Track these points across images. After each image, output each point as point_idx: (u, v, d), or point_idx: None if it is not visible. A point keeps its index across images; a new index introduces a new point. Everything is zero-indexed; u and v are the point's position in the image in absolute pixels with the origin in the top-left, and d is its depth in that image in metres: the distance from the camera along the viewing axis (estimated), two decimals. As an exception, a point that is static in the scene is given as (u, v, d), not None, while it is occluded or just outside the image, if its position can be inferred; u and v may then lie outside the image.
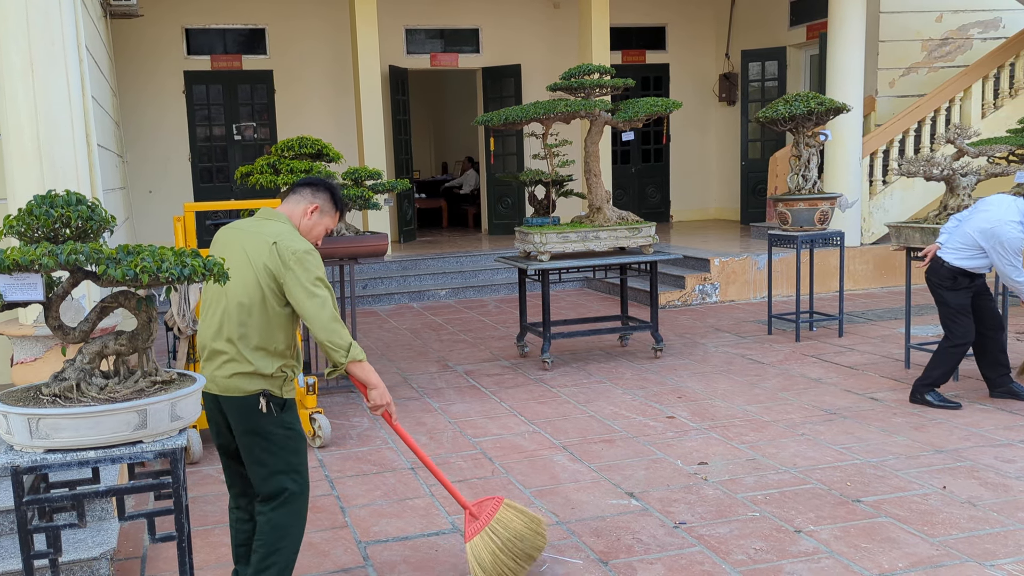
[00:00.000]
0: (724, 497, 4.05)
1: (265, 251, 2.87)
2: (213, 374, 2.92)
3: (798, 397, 5.63)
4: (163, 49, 11.62)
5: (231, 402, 2.89)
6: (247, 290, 2.88)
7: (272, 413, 2.89)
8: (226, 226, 3.11)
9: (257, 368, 2.87)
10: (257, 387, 2.88)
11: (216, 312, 2.93)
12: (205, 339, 2.96)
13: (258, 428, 2.90)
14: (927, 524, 3.68)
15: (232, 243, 2.97)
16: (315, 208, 3.08)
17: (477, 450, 4.86)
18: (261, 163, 6.14)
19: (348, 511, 4.07)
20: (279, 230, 2.94)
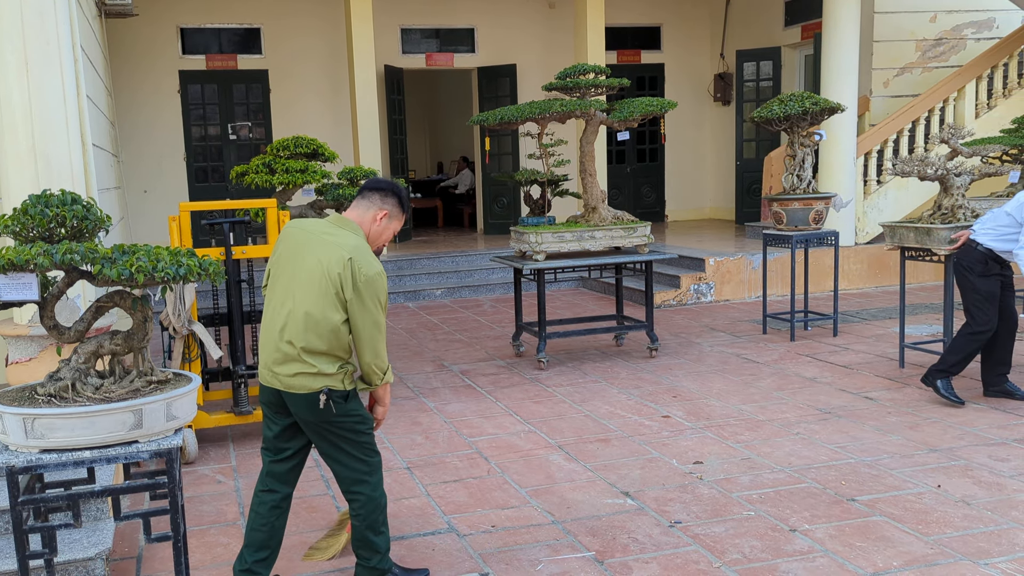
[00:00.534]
0: (719, 496, 4.06)
1: (340, 264, 2.95)
2: (274, 370, 3.03)
3: (793, 396, 5.64)
4: (158, 48, 11.60)
5: (296, 399, 3.01)
6: (315, 299, 2.96)
7: (331, 409, 3.01)
8: (295, 225, 3.15)
9: (320, 369, 2.98)
10: (320, 385, 2.99)
11: (281, 312, 3.02)
12: (268, 335, 3.06)
13: (324, 421, 3.03)
14: (921, 523, 3.69)
15: (305, 248, 3.04)
16: (384, 214, 3.15)
17: (473, 450, 4.87)
18: (257, 162, 6.14)
19: (343, 510, 4.06)
20: (355, 244, 3.01)
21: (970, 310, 5.22)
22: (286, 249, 3.09)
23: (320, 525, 3.92)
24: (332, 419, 3.03)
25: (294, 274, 3.03)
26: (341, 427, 3.06)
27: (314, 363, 2.97)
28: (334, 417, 3.03)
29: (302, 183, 5.95)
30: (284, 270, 3.08)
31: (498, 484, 4.33)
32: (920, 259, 5.91)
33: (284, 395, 3.04)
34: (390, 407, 5.66)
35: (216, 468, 4.73)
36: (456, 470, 4.56)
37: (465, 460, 4.70)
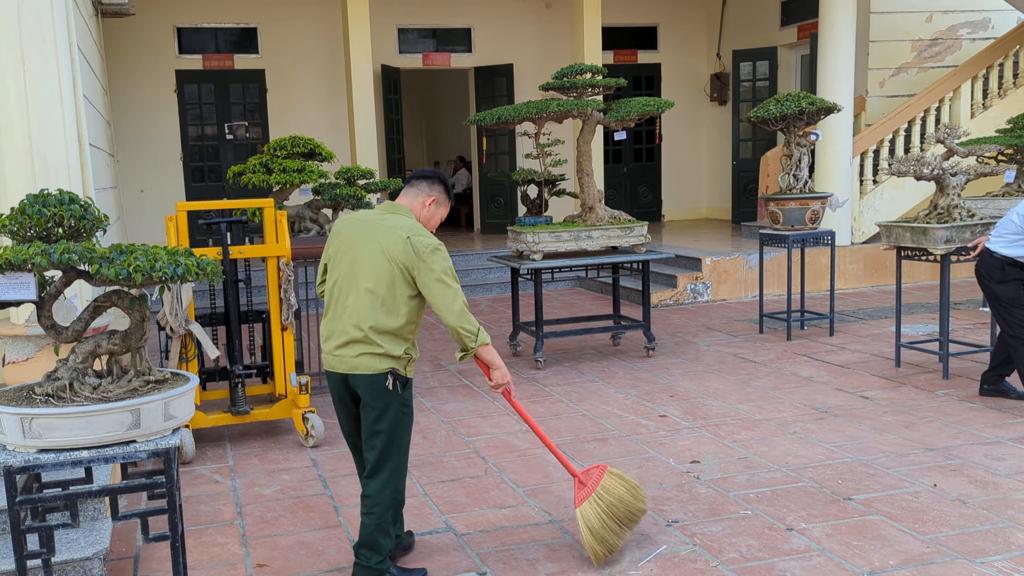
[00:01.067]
0: (716, 495, 4.07)
1: (400, 243, 3.12)
2: (339, 353, 3.16)
3: (789, 396, 5.65)
4: (155, 48, 11.59)
5: (360, 379, 3.14)
6: (380, 279, 3.13)
7: (397, 390, 3.14)
8: (349, 217, 3.32)
9: (387, 350, 3.12)
10: (386, 366, 3.13)
11: (346, 297, 3.17)
12: (333, 321, 3.19)
13: (381, 404, 3.15)
14: (918, 522, 3.70)
15: (363, 234, 3.20)
16: (432, 200, 3.33)
17: (470, 449, 4.87)
18: (254, 162, 6.13)
19: (341, 510, 4.07)
20: (409, 224, 3.19)
21: (1002, 318, 5.17)
22: (344, 240, 3.24)
23: (318, 525, 3.92)
24: (388, 403, 3.15)
25: (356, 260, 3.17)
26: (393, 413, 3.18)
27: (381, 343, 3.11)
28: (390, 400, 3.14)
29: (299, 183, 5.94)
30: (344, 259, 3.21)
31: (495, 483, 4.34)
32: (916, 259, 5.93)
33: (348, 378, 3.17)
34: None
35: (213, 468, 4.73)
36: (454, 469, 4.56)
37: (463, 459, 4.70)
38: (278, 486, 4.41)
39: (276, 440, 5.17)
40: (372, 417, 3.18)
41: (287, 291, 5.13)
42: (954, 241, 5.64)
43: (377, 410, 3.17)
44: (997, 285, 5.13)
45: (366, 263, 3.14)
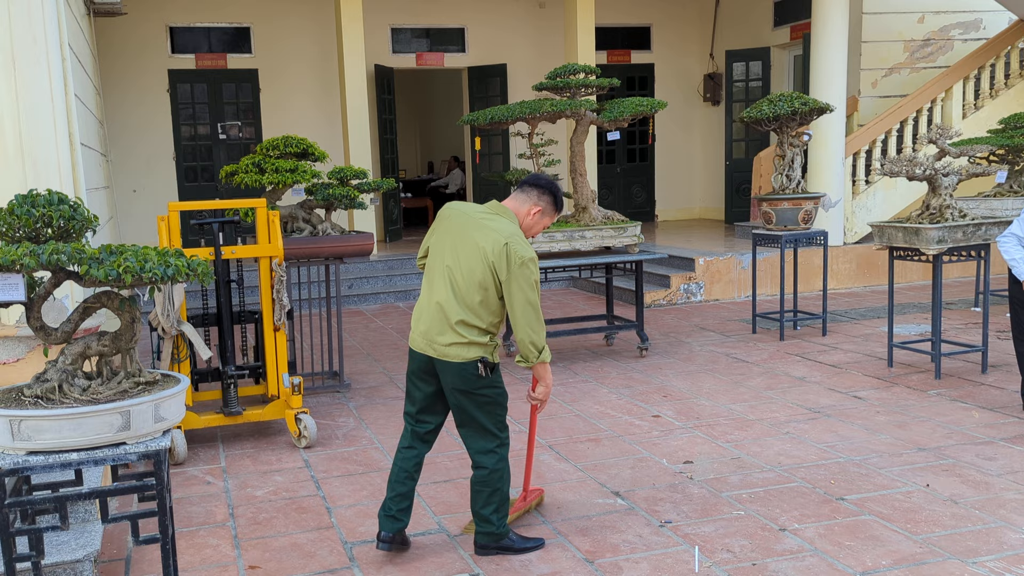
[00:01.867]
0: (709, 496, 4.07)
1: (497, 247, 3.26)
2: (430, 339, 3.34)
3: (782, 396, 5.66)
4: (147, 47, 11.54)
5: (449, 366, 3.33)
6: (472, 276, 3.29)
7: (487, 375, 3.33)
8: (455, 207, 3.48)
9: (474, 340, 3.30)
10: (475, 355, 3.31)
11: (441, 288, 3.35)
12: (426, 307, 3.38)
13: (472, 389, 3.34)
14: (910, 522, 3.71)
15: (465, 230, 3.36)
16: (539, 210, 3.47)
17: (463, 450, 4.86)
18: (246, 162, 6.11)
19: (334, 511, 4.06)
20: (511, 231, 3.32)
21: None
22: (446, 229, 3.42)
23: (310, 526, 3.91)
24: (478, 388, 3.34)
25: (454, 253, 3.34)
26: (483, 397, 3.37)
27: (467, 335, 3.29)
28: (480, 386, 3.33)
29: (291, 183, 5.92)
30: (444, 248, 3.40)
31: (488, 484, 4.33)
32: (908, 259, 5.94)
33: (436, 363, 3.35)
34: (381, 407, 5.67)
35: (205, 469, 4.71)
36: (447, 470, 4.55)
37: (455, 460, 4.69)
38: (270, 487, 4.40)
39: (269, 441, 5.15)
40: (459, 402, 3.38)
41: (279, 291, 5.12)
42: (946, 241, 5.65)
43: (465, 396, 3.36)
44: None
45: (463, 259, 3.31)
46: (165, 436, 2.60)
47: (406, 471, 3.52)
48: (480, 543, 3.53)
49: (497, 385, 3.42)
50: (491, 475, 3.44)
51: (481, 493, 3.46)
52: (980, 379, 5.87)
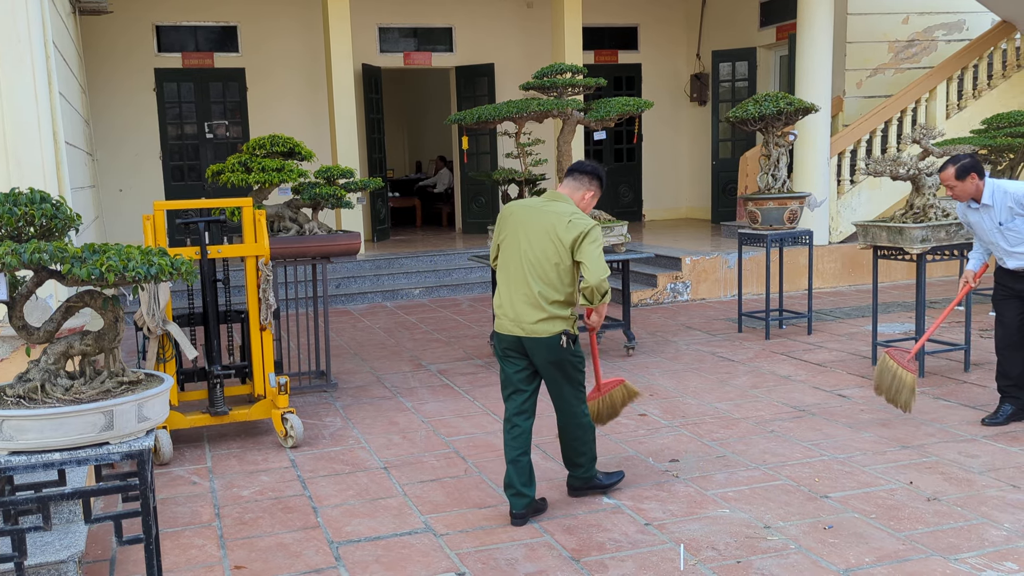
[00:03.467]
0: (695, 494, 4.09)
1: (564, 224, 3.74)
2: (518, 321, 3.77)
3: (768, 394, 5.69)
4: (134, 46, 11.48)
5: (538, 342, 3.76)
6: (548, 257, 3.74)
7: (570, 346, 3.77)
8: (517, 204, 3.95)
9: (557, 314, 3.75)
10: (559, 328, 3.75)
11: (520, 274, 3.77)
12: (509, 294, 3.81)
13: (559, 359, 3.79)
14: (893, 519, 3.74)
15: (532, 220, 3.81)
16: (592, 194, 3.98)
17: (450, 449, 4.86)
18: (233, 161, 6.09)
19: (320, 511, 4.06)
20: (572, 210, 3.82)
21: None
22: (514, 224, 3.86)
23: (296, 526, 3.90)
24: (564, 357, 3.78)
25: (528, 240, 3.78)
26: (569, 364, 3.83)
27: (552, 310, 3.74)
28: (566, 356, 3.78)
29: (278, 182, 5.90)
30: (516, 240, 3.82)
31: (475, 483, 4.34)
32: (892, 258, 5.98)
33: (525, 341, 3.78)
34: (368, 406, 5.67)
35: (191, 469, 4.69)
36: (433, 469, 4.55)
37: (442, 459, 4.70)
38: (256, 487, 4.39)
39: (255, 441, 5.14)
40: (549, 372, 3.83)
41: (266, 291, 5.11)
42: (929, 240, 5.69)
43: (554, 366, 3.80)
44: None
45: (535, 244, 3.75)
46: (149, 436, 2.59)
47: (518, 448, 3.87)
48: (572, 485, 4.07)
49: (578, 354, 3.87)
50: (578, 427, 3.94)
51: (571, 446, 3.98)
52: (963, 377, 5.92)
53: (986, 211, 4.79)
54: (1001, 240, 4.77)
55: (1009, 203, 4.70)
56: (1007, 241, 4.75)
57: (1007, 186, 4.72)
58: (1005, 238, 4.75)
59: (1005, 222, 4.72)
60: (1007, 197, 4.70)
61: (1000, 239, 4.77)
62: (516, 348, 3.83)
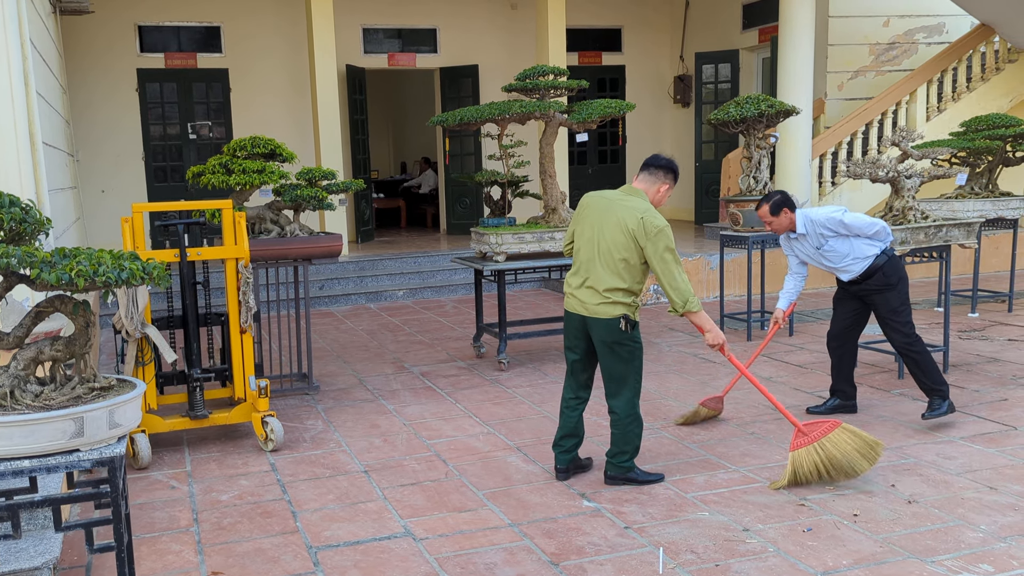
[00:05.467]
0: (675, 497, 4.09)
1: (635, 221, 3.94)
2: (582, 300, 4.05)
3: (748, 396, 5.70)
4: (116, 46, 11.40)
5: (598, 323, 4.00)
6: (617, 247, 3.97)
7: (628, 331, 3.99)
8: (595, 195, 4.17)
9: (618, 300, 3.98)
10: (620, 312, 3.98)
11: (589, 259, 4.04)
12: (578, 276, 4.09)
13: (618, 341, 4.00)
14: (871, 522, 3.76)
15: (607, 211, 4.04)
16: (667, 187, 4.15)
17: (431, 452, 4.85)
18: (213, 163, 6.05)
19: (299, 515, 4.03)
20: (645, 207, 4.00)
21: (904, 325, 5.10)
22: (588, 214, 4.11)
23: (275, 531, 3.88)
24: (621, 340, 3.99)
25: (600, 229, 4.02)
26: (624, 348, 4.02)
27: (611, 296, 3.97)
28: (623, 338, 3.98)
29: (259, 184, 5.87)
30: (590, 227, 4.07)
31: (455, 487, 4.32)
32: (873, 260, 6.00)
33: (587, 320, 4.03)
34: (349, 409, 5.63)
35: (170, 473, 4.66)
36: (414, 473, 4.54)
37: (423, 463, 4.68)
38: (236, 491, 4.36)
39: (235, 444, 5.11)
40: (611, 352, 4.02)
41: (246, 293, 5.07)
42: (909, 242, 5.72)
43: (614, 346, 4.00)
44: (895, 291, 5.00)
45: (607, 234, 3.98)
46: (120, 443, 2.57)
47: (573, 419, 4.25)
48: (609, 473, 4.21)
49: (636, 340, 4.04)
50: (626, 415, 4.08)
51: (618, 435, 4.12)
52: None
53: (803, 239, 5.08)
54: (825, 260, 5.07)
55: (819, 229, 4.99)
56: (830, 260, 5.04)
57: (812, 214, 5.01)
58: (827, 258, 5.04)
59: (821, 245, 5.01)
60: (815, 225, 4.98)
61: (824, 260, 5.07)
62: (580, 326, 4.09)
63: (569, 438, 4.29)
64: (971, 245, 5.80)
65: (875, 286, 5.00)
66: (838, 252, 4.98)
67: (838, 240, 4.95)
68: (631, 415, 4.11)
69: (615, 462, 4.19)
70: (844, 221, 4.90)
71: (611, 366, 4.07)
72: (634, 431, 4.12)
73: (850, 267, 5.00)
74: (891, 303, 5.00)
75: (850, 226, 4.91)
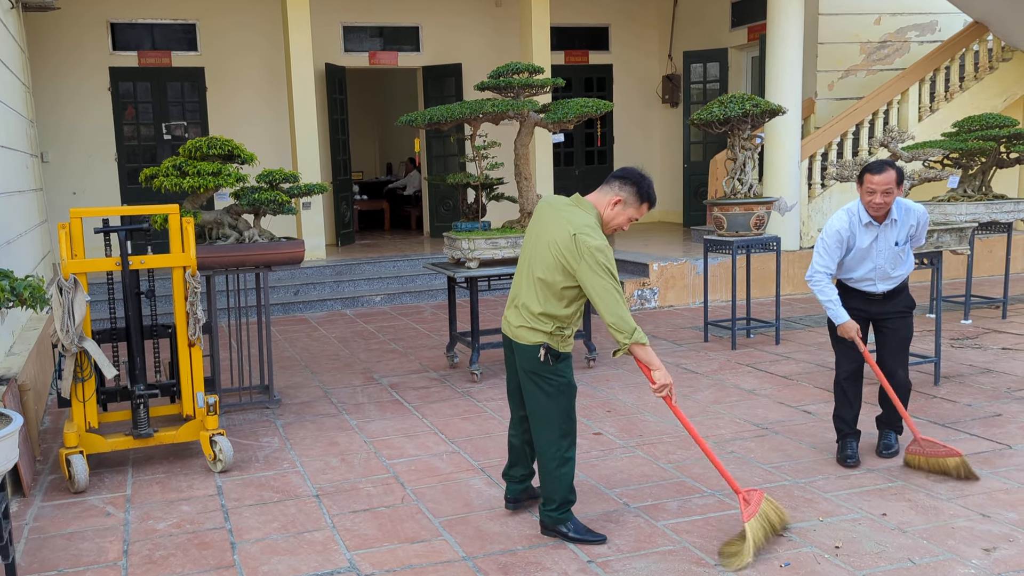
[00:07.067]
0: (645, 526, 3.80)
1: (565, 238, 3.40)
2: (508, 320, 3.62)
3: (730, 410, 5.42)
4: (86, 44, 11.07)
5: (519, 348, 3.56)
6: (537, 264, 3.51)
7: (548, 362, 3.50)
8: (546, 200, 3.63)
9: (536, 326, 3.50)
10: (538, 340, 3.50)
11: (520, 276, 3.62)
12: (512, 292, 3.67)
13: (536, 371, 3.53)
14: (854, 555, 3.47)
15: (545, 222, 3.53)
16: (619, 200, 3.49)
17: (390, 473, 4.55)
18: (168, 165, 5.75)
19: (238, 547, 3.73)
20: (584, 222, 3.42)
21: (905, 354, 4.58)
22: (534, 222, 3.63)
23: (209, 565, 3.57)
24: (541, 371, 3.51)
25: (535, 244, 3.55)
26: (546, 382, 3.53)
27: (531, 320, 3.51)
28: (543, 370, 3.51)
29: (213, 187, 5.57)
30: (529, 239, 3.61)
31: (411, 513, 4.03)
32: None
33: (512, 342, 3.59)
34: (310, 424, 5.31)
35: (108, 498, 4.35)
36: (368, 497, 4.24)
37: (380, 486, 4.39)
38: (175, 519, 4.06)
39: (183, 465, 4.81)
40: (531, 383, 3.56)
41: (193, 304, 4.77)
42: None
43: (534, 376, 3.54)
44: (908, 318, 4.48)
45: (539, 250, 3.51)
46: None
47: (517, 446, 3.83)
48: (542, 521, 3.71)
49: (561, 375, 3.53)
50: (544, 464, 3.59)
51: (540, 479, 3.65)
52: (933, 391, 5.68)
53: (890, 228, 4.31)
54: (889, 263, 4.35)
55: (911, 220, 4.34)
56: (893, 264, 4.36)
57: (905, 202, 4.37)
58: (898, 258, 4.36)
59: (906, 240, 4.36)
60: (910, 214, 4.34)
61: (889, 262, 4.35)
62: (509, 349, 3.70)
63: (518, 467, 3.88)
64: (963, 251, 5.52)
65: (902, 306, 4.41)
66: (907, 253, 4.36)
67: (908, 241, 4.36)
68: (557, 460, 3.56)
69: (543, 510, 3.68)
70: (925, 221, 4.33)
71: (532, 400, 3.58)
72: (561, 479, 3.57)
73: (898, 278, 4.37)
74: (911, 328, 4.46)
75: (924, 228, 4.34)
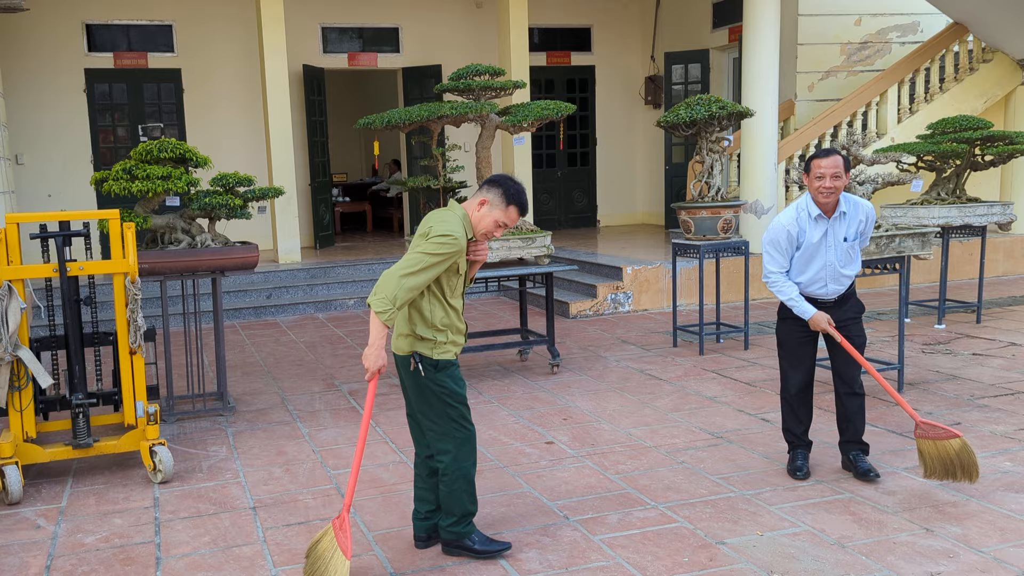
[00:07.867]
0: (580, 540, 3.70)
1: (422, 231, 3.32)
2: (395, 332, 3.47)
3: (688, 418, 5.32)
4: (61, 45, 10.98)
5: (397, 358, 3.46)
6: None
7: (420, 373, 3.36)
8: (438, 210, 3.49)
9: (404, 332, 3.39)
10: (409, 348, 3.38)
11: None
12: None
13: (416, 383, 3.41)
14: (789, 572, 3.36)
15: None
16: (483, 201, 3.38)
17: (332, 484, 4.45)
18: (118, 168, 5.65)
19: (163, 563, 3.63)
20: (442, 217, 3.34)
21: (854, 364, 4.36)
22: None
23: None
24: (422, 383, 3.39)
25: None
26: (429, 392, 3.40)
27: (402, 327, 3.38)
28: (423, 381, 3.38)
29: (163, 191, 5.48)
30: None
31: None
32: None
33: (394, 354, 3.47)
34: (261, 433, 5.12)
35: (41, 510, 4.25)
36: (306, 510, 4.14)
37: (320, 498, 4.29)
38: (104, 532, 3.96)
39: (125, 475, 4.71)
40: (416, 392, 3.44)
41: (134, 311, 4.67)
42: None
43: (411, 388, 3.44)
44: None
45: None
46: None
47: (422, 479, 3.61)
48: (443, 538, 3.58)
49: (441, 385, 3.40)
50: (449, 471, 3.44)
51: (440, 494, 3.52)
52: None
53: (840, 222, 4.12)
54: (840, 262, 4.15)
55: (860, 215, 4.14)
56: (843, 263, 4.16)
57: (854, 197, 4.19)
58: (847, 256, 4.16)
59: (855, 237, 4.16)
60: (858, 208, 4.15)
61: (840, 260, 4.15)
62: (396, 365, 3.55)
63: (424, 503, 3.62)
64: (925, 256, 5.42)
65: (853, 312, 4.25)
66: (855, 252, 4.17)
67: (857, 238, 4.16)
68: (455, 472, 3.43)
69: (443, 526, 3.54)
70: (873, 217, 4.15)
71: (420, 410, 3.46)
72: (460, 492, 3.46)
73: (847, 278, 4.17)
74: (863, 334, 4.32)
75: (871, 225, 4.15)
